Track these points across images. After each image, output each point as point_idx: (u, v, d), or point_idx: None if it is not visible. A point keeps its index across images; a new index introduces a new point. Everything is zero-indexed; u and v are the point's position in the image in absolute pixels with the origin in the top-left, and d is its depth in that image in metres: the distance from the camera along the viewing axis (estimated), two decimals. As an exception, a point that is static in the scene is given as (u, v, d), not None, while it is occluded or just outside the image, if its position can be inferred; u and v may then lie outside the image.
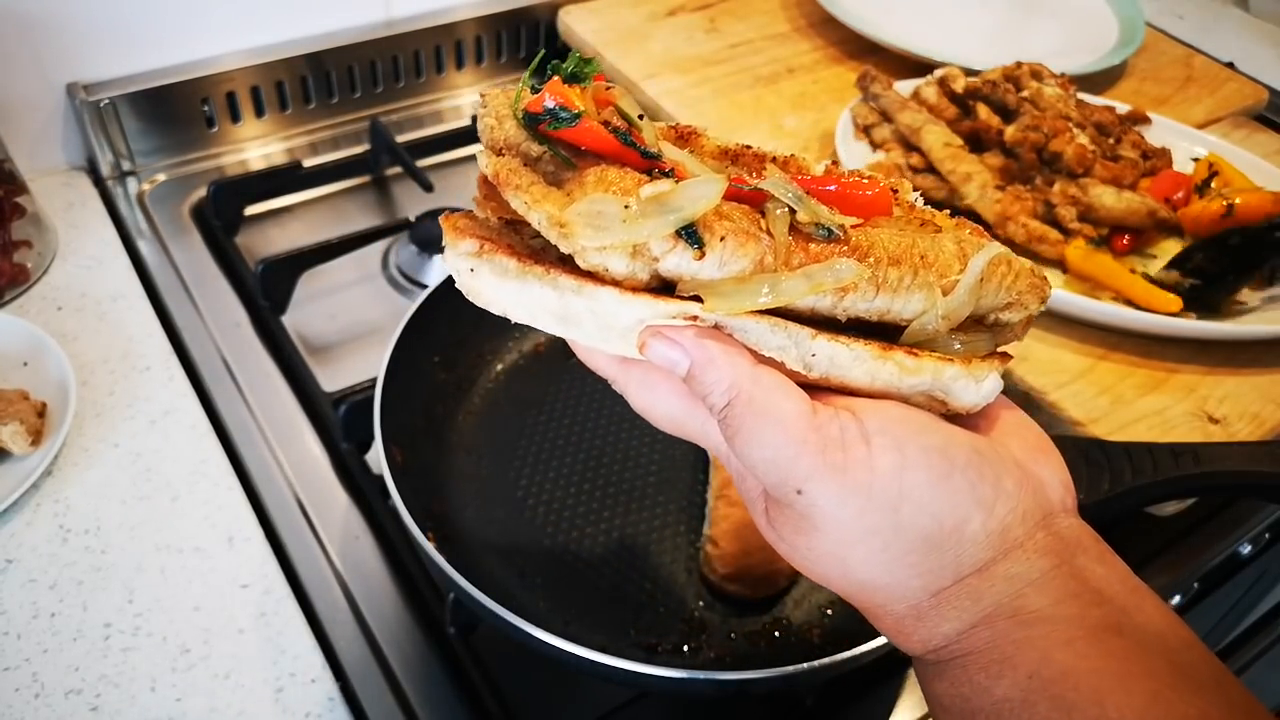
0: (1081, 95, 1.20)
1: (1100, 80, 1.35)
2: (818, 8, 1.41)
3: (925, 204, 0.49)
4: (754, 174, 0.45)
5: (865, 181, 0.45)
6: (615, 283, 0.40)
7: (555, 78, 0.43)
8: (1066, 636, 0.38)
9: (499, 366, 0.94)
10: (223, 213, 1.13)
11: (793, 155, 0.47)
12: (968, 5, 1.50)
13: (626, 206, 0.39)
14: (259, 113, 1.24)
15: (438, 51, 1.32)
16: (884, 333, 0.43)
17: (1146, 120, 1.22)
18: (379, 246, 1.12)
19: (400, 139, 1.21)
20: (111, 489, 0.83)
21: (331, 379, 0.94)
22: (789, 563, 0.43)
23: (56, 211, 1.09)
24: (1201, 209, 1.06)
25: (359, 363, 1.00)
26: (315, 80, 1.25)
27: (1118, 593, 0.40)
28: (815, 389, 0.42)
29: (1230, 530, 0.90)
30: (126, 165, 1.18)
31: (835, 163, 0.45)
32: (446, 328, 0.89)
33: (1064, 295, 0.95)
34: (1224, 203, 1.06)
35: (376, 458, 0.75)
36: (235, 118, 1.23)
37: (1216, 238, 0.98)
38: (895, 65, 1.29)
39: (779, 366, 0.41)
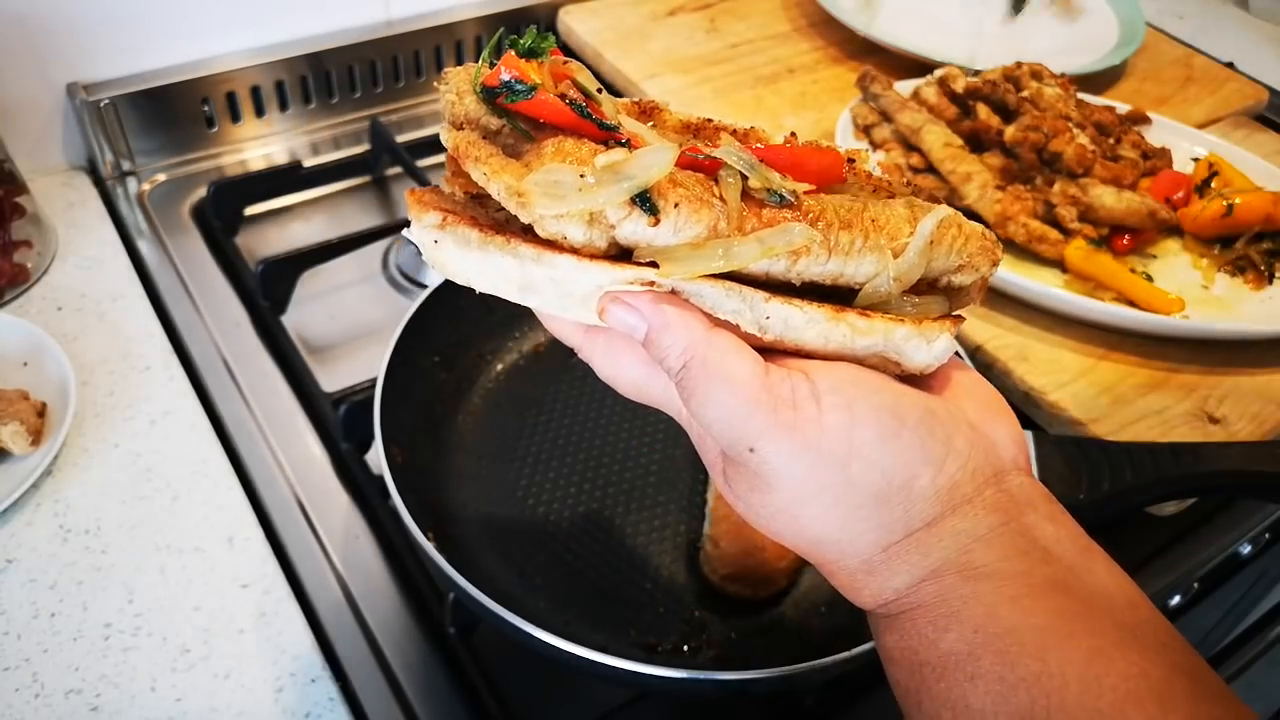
0: (1081, 95, 1.20)
1: (1100, 80, 1.35)
2: (818, 8, 1.41)
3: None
4: (713, 145, 0.45)
5: (819, 149, 0.46)
6: (574, 250, 0.42)
7: (510, 51, 0.44)
8: (1012, 592, 0.39)
9: (499, 366, 0.94)
10: (223, 213, 1.13)
11: (753, 127, 0.48)
12: (968, 5, 1.50)
13: (582, 175, 0.40)
14: (259, 113, 1.24)
15: (438, 51, 1.32)
16: (838, 296, 0.44)
17: (1146, 120, 1.22)
18: (379, 246, 1.12)
19: (400, 139, 1.21)
20: (111, 489, 0.83)
21: (331, 379, 0.94)
22: (748, 522, 0.44)
23: (56, 211, 1.09)
24: (1201, 209, 1.06)
25: (359, 363, 1.00)
26: (315, 80, 1.25)
27: (1066, 551, 0.41)
28: (770, 352, 0.43)
29: (1230, 530, 0.90)
30: (126, 165, 1.18)
31: (794, 135, 0.46)
32: (446, 328, 0.89)
33: (1064, 295, 0.95)
34: (1224, 203, 1.06)
35: (376, 458, 0.75)
36: (235, 118, 1.23)
37: None
38: (895, 65, 1.29)
39: (734, 330, 0.43)
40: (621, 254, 0.42)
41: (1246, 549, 0.92)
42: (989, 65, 1.22)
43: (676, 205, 0.40)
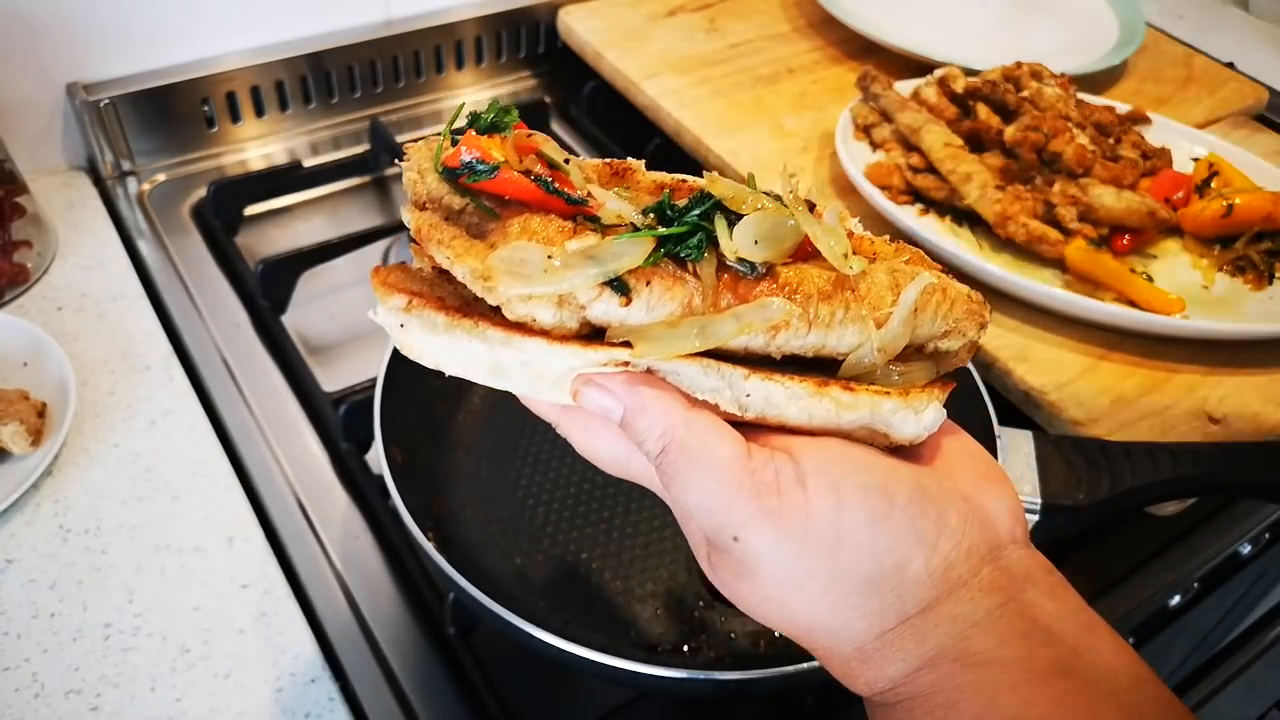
0: (1081, 95, 1.20)
1: (1100, 80, 1.35)
2: (818, 8, 1.41)
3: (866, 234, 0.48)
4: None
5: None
6: (544, 332, 0.40)
7: (470, 130, 0.42)
8: (1012, 680, 0.37)
9: (499, 366, 0.94)
10: (223, 213, 1.13)
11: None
12: (968, 5, 1.50)
13: (549, 256, 0.39)
14: (259, 113, 1.24)
15: (438, 51, 1.32)
16: (821, 367, 0.43)
17: (1146, 120, 1.22)
18: (379, 246, 1.12)
19: (400, 139, 1.21)
20: (111, 489, 0.83)
21: (331, 379, 0.94)
22: (736, 605, 0.43)
23: (56, 211, 1.09)
24: (1201, 209, 1.06)
25: (359, 363, 1.00)
26: (315, 80, 1.25)
27: (1068, 629, 0.39)
28: (753, 429, 0.42)
29: (1230, 530, 0.90)
30: (126, 165, 1.18)
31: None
32: (446, 328, 0.89)
33: (1064, 295, 0.95)
34: (1224, 203, 1.06)
35: (376, 458, 0.75)
36: (235, 118, 1.23)
37: None
38: (895, 65, 1.29)
39: (714, 409, 0.41)
40: (594, 333, 0.41)
41: (1246, 549, 0.92)
42: (989, 65, 1.22)
43: (648, 283, 0.39)
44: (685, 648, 0.74)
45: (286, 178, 1.17)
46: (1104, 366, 0.94)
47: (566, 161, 0.44)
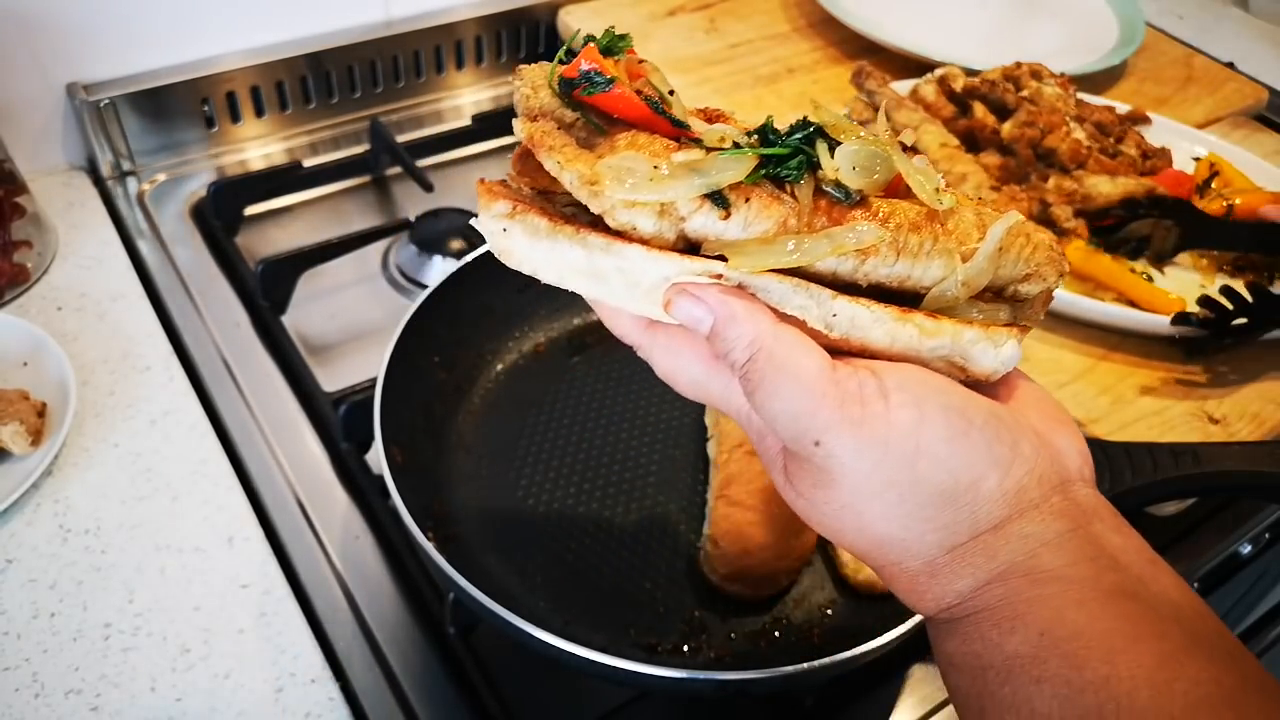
0: (1081, 95, 1.20)
1: (1100, 80, 1.35)
2: (818, 8, 1.41)
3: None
4: None
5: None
6: (643, 241, 0.42)
7: (591, 45, 0.44)
8: (1079, 597, 0.38)
9: (499, 366, 0.94)
10: (223, 213, 1.13)
11: None
12: (967, 5, 1.50)
13: (656, 167, 0.40)
14: (259, 113, 1.24)
15: (437, 51, 1.32)
16: (903, 300, 0.44)
17: (1146, 120, 1.22)
18: (379, 246, 1.12)
19: (400, 139, 1.21)
20: (111, 489, 0.83)
21: (331, 379, 0.94)
22: (808, 522, 0.43)
23: (56, 211, 1.09)
24: (1202, 209, 1.06)
25: (359, 363, 1.00)
26: (315, 80, 1.25)
27: (1134, 561, 0.40)
28: (835, 351, 0.43)
29: (1230, 530, 0.90)
30: (126, 165, 1.18)
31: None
32: (446, 328, 0.89)
33: (1064, 295, 0.95)
34: (1224, 203, 1.06)
35: (376, 458, 0.75)
36: (235, 118, 1.23)
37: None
38: (895, 65, 1.29)
39: (800, 325, 0.42)
40: (688, 248, 0.42)
41: (1246, 549, 0.92)
42: (989, 65, 1.22)
43: (747, 200, 0.40)
44: (685, 648, 0.74)
45: (286, 178, 1.17)
46: (1103, 366, 0.94)
47: (670, 94, 0.45)
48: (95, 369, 0.92)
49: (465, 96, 1.37)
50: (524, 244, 0.43)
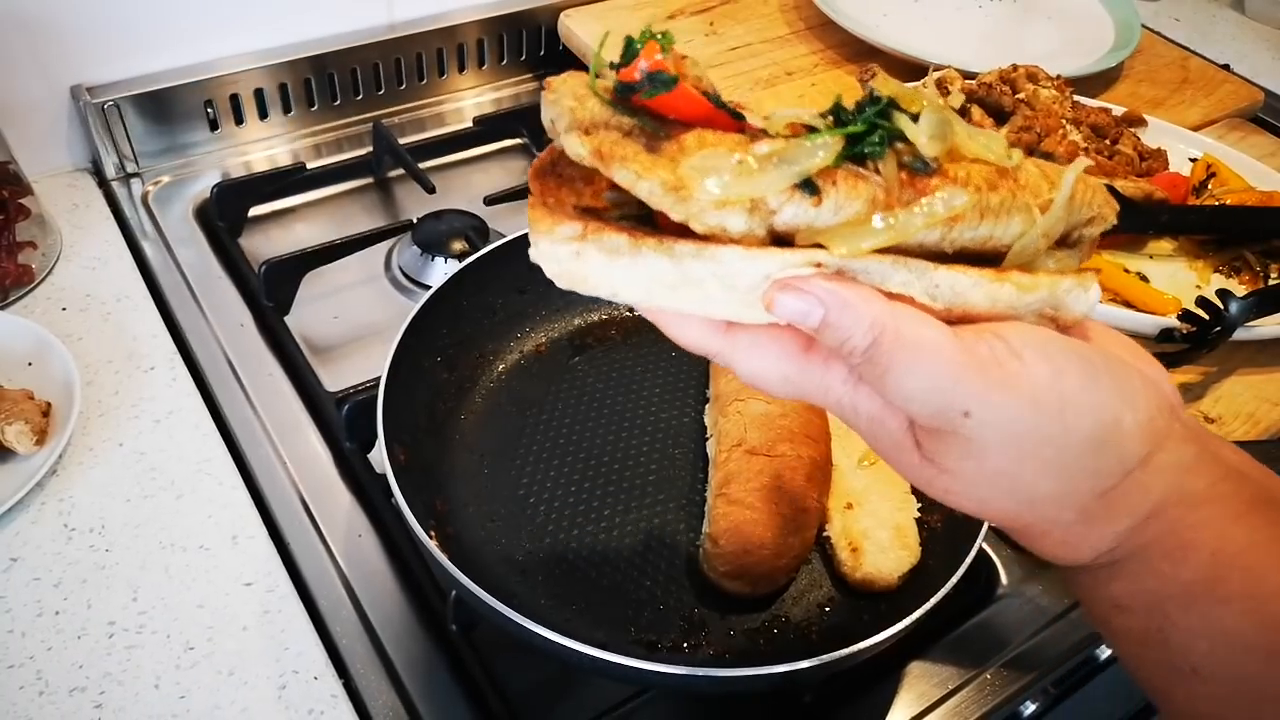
0: (1077, 97, 1.21)
1: (1096, 82, 1.36)
2: (816, 11, 1.42)
3: None
4: None
5: None
6: (734, 242, 0.40)
7: (652, 42, 0.41)
8: (1235, 511, 0.39)
9: (500, 366, 0.94)
10: (227, 214, 1.14)
11: None
12: (965, 9, 1.51)
13: (740, 162, 0.39)
14: (262, 115, 1.24)
15: (440, 54, 1.33)
16: (983, 261, 0.44)
17: (1142, 122, 1.22)
18: (382, 248, 1.13)
19: (403, 141, 1.22)
20: (116, 488, 0.83)
21: (335, 379, 0.94)
22: (945, 500, 0.43)
23: (61, 213, 1.10)
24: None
25: (362, 363, 1.01)
26: (318, 83, 1.26)
27: (1254, 470, 0.42)
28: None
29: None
30: (131, 167, 1.19)
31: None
32: (448, 328, 0.90)
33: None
34: (1220, 204, 1.06)
35: (379, 457, 0.76)
36: (239, 120, 1.23)
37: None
38: (893, 69, 1.29)
39: (908, 301, 0.41)
40: (776, 242, 0.41)
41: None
42: (986, 68, 1.23)
43: (835, 183, 0.39)
44: (685, 645, 0.75)
45: (290, 179, 1.18)
46: (1100, 367, 0.94)
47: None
48: (99, 369, 0.93)
49: (467, 99, 1.38)
50: (600, 265, 0.40)
